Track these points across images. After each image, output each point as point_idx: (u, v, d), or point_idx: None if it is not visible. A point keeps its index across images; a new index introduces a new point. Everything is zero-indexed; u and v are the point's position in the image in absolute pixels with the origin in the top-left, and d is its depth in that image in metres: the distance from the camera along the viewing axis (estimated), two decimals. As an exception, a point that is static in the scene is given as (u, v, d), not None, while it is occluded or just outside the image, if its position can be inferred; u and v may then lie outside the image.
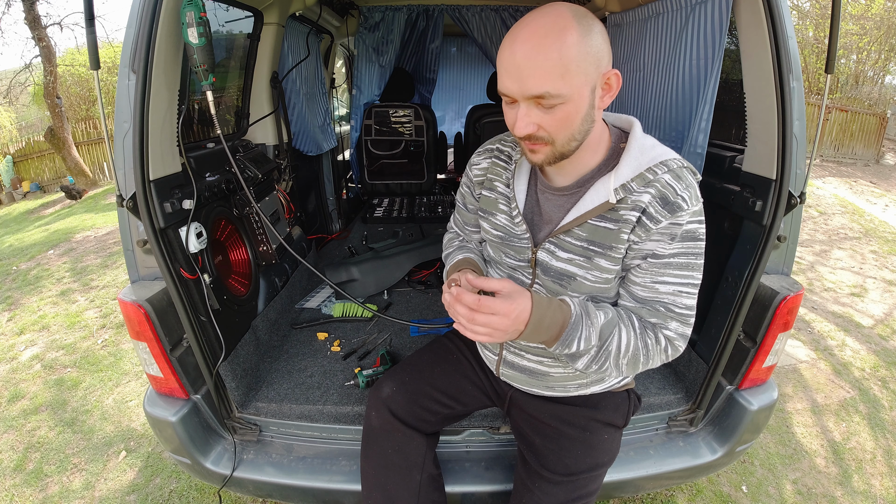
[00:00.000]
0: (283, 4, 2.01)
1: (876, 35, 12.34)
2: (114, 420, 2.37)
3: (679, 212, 0.88)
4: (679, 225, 0.89)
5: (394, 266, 2.35)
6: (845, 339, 3.09)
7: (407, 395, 1.24)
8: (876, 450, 2.18)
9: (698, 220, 0.90)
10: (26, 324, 3.45)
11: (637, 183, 0.89)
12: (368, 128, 3.45)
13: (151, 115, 1.17)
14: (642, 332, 0.94)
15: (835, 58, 1.22)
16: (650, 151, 0.91)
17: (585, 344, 0.90)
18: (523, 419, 1.22)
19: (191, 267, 1.33)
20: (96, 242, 5.33)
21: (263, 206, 1.94)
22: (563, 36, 0.77)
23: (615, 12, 2.02)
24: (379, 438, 1.22)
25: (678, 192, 0.88)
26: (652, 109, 1.74)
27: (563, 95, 0.79)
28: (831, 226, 5.53)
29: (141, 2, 1.13)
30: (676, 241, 0.90)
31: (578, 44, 0.78)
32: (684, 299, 0.93)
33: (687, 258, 0.91)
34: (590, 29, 0.79)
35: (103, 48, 11.41)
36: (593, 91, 0.83)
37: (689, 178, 0.90)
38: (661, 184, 0.88)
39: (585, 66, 0.79)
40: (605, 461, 1.16)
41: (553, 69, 0.78)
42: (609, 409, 1.17)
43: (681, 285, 0.93)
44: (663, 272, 0.92)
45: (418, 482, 1.19)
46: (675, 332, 0.95)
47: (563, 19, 0.78)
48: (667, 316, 0.94)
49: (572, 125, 0.84)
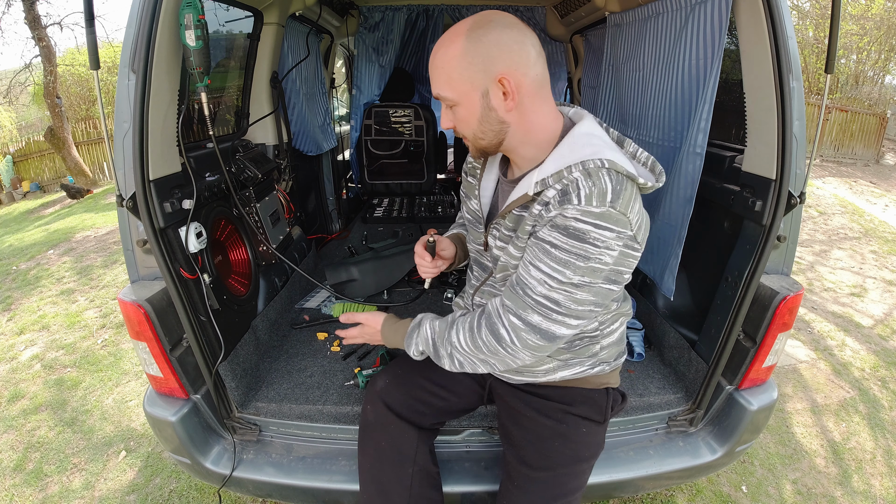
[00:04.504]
0: (283, 4, 2.01)
1: (876, 35, 12.34)
2: (114, 420, 2.37)
3: (567, 205, 0.84)
4: (565, 217, 0.84)
5: (394, 266, 2.35)
6: (845, 339, 3.09)
7: (401, 387, 1.26)
8: (876, 450, 2.18)
9: (593, 224, 0.83)
10: (26, 324, 3.45)
11: (553, 179, 0.89)
12: (368, 128, 3.45)
13: (151, 115, 1.17)
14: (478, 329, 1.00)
15: (835, 58, 1.23)
16: (579, 150, 0.89)
17: (424, 344, 1.10)
18: (504, 411, 1.24)
19: (191, 267, 1.33)
20: (96, 242, 5.33)
21: (263, 205, 1.94)
22: (450, 47, 0.88)
23: (615, 12, 2.02)
24: (374, 431, 1.24)
25: (579, 187, 0.84)
26: (651, 109, 1.74)
27: (452, 99, 0.91)
28: (831, 226, 5.53)
29: (141, 2, 1.13)
30: (558, 232, 0.86)
31: (462, 54, 0.86)
32: (546, 290, 0.88)
33: (568, 255, 0.85)
34: (479, 38, 0.86)
35: (103, 48, 11.41)
36: (485, 95, 0.89)
37: (602, 180, 0.84)
38: (569, 181, 0.87)
39: (469, 73, 0.87)
40: (585, 455, 1.16)
41: (440, 76, 0.91)
42: (585, 404, 1.15)
43: (549, 277, 0.88)
44: (539, 256, 0.89)
45: (410, 475, 1.20)
46: (529, 321, 0.91)
47: (456, 31, 0.88)
48: (524, 301, 0.91)
49: (471, 124, 0.94)
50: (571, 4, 2.47)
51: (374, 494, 1.20)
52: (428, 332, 1.10)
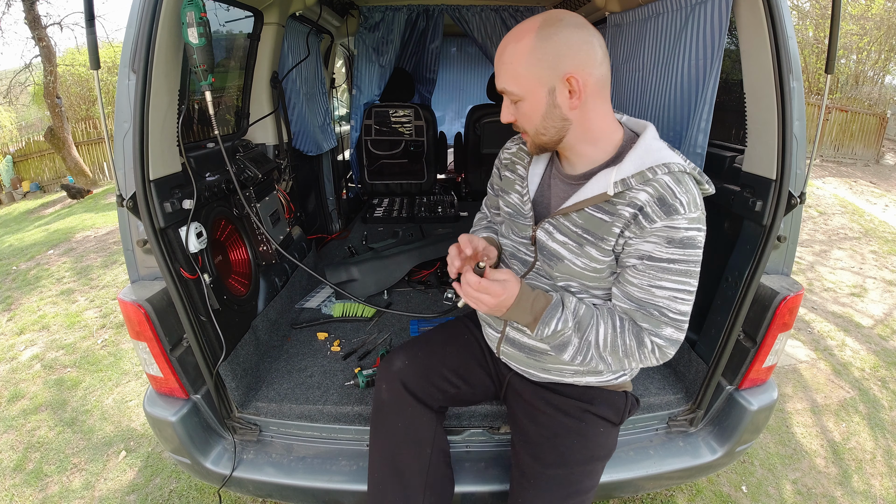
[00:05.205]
0: (283, 4, 2.01)
1: (876, 35, 12.34)
2: (114, 420, 2.37)
3: (675, 215, 0.89)
4: (676, 229, 0.89)
5: (394, 266, 2.35)
6: (845, 339, 3.09)
7: (419, 369, 1.27)
8: (876, 450, 2.18)
9: (697, 228, 0.91)
10: (26, 324, 3.45)
11: (636, 180, 0.91)
12: (368, 128, 3.45)
13: (151, 115, 1.17)
14: (622, 330, 0.97)
15: (835, 58, 1.23)
16: (655, 153, 0.93)
17: (563, 325, 0.98)
18: (520, 407, 1.24)
19: (191, 267, 1.33)
20: (96, 242, 5.33)
21: (263, 206, 1.94)
22: (519, 42, 0.89)
23: (615, 12, 2.02)
24: (390, 412, 1.23)
25: (676, 194, 0.89)
26: (651, 109, 1.74)
27: (517, 94, 0.92)
28: (831, 226, 5.53)
29: (141, 2, 1.13)
30: (674, 247, 0.91)
31: (531, 50, 0.87)
32: (679, 305, 0.95)
33: (686, 265, 0.92)
34: (549, 36, 0.87)
35: (103, 48, 11.41)
36: (551, 92, 0.90)
37: (689, 185, 0.91)
38: (660, 184, 0.90)
39: (538, 70, 0.88)
40: (600, 455, 1.17)
41: (507, 71, 0.91)
42: (604, 404, 1.17)
43: (677, 291, 0.93)
44: (661, 276, 0.93)
45: (428, 456, 1.21)
46: (669, 337, 0.96)
47: (527, 26, 0.89)
48: (660, 321, 0.95)
49: (534, 120, 0.94)
50: (571, 4, 2.47)
51: (388, 474, 1.19)
52: (573, 308, 0.99)
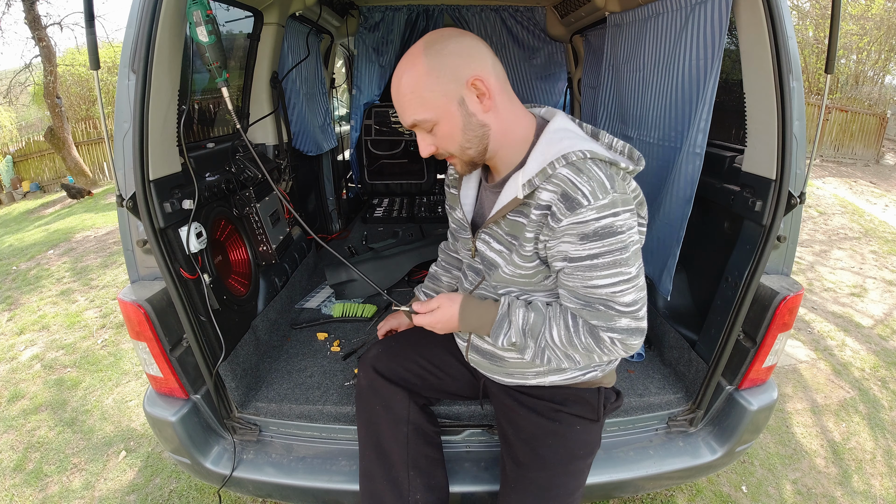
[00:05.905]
0: (283, 4, 2.01)
1: (876, 35, 12.34)
2: (114, 420, 2.37)
3: (579, 209, 0.85)
4: (585, 223, 0.85)
5: (394, 266, 2.35)
6: (845, 339, 3.09)
7: (393, 357, 1.32)
8: (876, 450, 2.18)
9: (611, 214, 0.85)
10: (26, 324, 3.45)
11: (540, 178, 0.89)
12: (368, 128, 3.45)
13: (151, 115, 1.17)
14: (576, 329, 0.96)
15: (835, 58, 1.23)
16: (557, 145, 0.90)
17: (514, 336, 1.01)
18: (499, 410, 1.25)
19: (191, 267, 1.33)
20: (96, 242, 5.33)
21: (263, 206, 1.94)
22: (413, 69, 0.88)
23: (615, 12, 2.02)
24: (367, 397, 1.28)
25: (578, 185, 0.85)
26: (651, 109, 1.74)
27: (430, 118, 0.90)
28: (831, 226, 5.53)
29: (141, 1, 1.13)
30: (590, 241, 0.86)
31: (428, 71, 0.87)
32: (622, 297, 0.90)
33: (612, 256, 0.87)
34: (438, 52, 0.87)
35: (103, 48, 11.41)
36: (462, 103, 0.90)
37: (592, 170, 0.86)
38: (560, 179, 0.87)
39: (441, 86, 0.88)
40: (580, 454, 1.14)
41: (412, 101, 0.90)
42: (577, 404, 1.14)
43: (614, 284, 0.89)
44: (590, 274, 0.89)
45: (405, 434, 1.23)
46: (626, 328, 0.93)
47: (413, 53, 0.89)
48: (610, 315, 0.92)
49: (455, 137, 0.93)
50: (571, 4, 2.47)
51: (374, 458, 1.22)
52: (521, 322, 1.01)
